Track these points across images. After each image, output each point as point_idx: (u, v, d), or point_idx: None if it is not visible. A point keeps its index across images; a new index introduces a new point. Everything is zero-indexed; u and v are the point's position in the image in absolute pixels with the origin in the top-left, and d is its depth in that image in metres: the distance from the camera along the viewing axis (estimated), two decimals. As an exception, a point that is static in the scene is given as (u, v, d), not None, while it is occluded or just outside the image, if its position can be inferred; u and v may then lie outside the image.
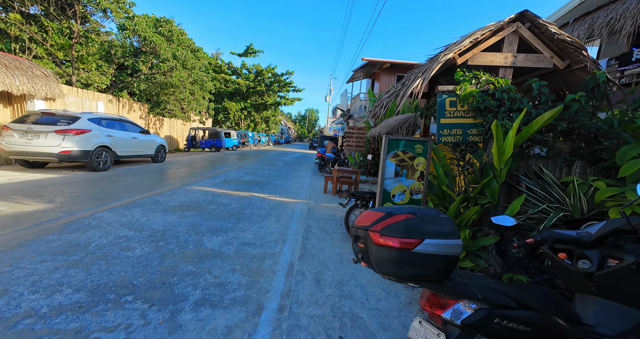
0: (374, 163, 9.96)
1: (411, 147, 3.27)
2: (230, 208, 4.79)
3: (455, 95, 3.08)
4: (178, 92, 13.52)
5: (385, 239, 1.07)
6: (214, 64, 25.44)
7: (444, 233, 1.08)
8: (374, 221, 1.14)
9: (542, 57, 2.97)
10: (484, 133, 3.03)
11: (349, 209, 3.89)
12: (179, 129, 17.91)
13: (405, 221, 1.09)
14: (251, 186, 6.86)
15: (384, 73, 11.88)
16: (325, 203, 5.83)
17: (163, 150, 9.75)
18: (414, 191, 3.30)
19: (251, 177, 8.32)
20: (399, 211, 1.14)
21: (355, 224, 1.25)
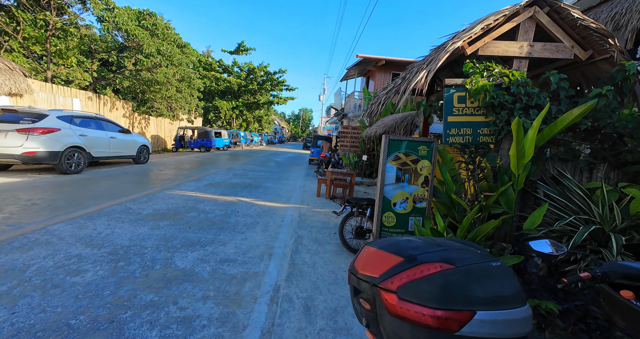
0: (369, 164, 9.60)
1: (414, 148, 2.88)
2: (213, 216, 4.31)
3: (465, 89, 2.70)
4: (164, 90, 12.88)
5: (407, 306, 0.66)
6: (204, 62, 24.70)
7: (505, 298, 0.67)
8: (387, 271, 0.73)
9: (561, 46, 2.62)
10: (497, 133, 2.66)
11: (344, 218, 3.48)
12: (166, 128, 17.20)
13: (441, 276, 0.68)
14: (239, 190, 6.38)
15: (379, 71, 11.53)
16: (318, 208, 5.41)
17: (146, 150, 9.15)
18: (418, 199, 2.92)
19: (240, 179, 7.83)
20: (427, 256, 0.72)
21: (356, 269, 0.84)
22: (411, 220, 2.92)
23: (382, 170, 2.85)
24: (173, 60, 11.37)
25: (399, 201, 2.90)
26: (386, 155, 2.84)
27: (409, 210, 2.92)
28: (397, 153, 2.87)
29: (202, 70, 24.40)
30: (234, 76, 26.71)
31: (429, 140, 2.88)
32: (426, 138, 2.86)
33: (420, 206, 2.92)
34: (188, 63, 13.01)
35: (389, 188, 2.89)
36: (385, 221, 2.91)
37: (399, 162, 2.89)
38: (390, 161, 2.88)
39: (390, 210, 2.90)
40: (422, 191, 2.91)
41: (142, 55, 10.60)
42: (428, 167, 2.89)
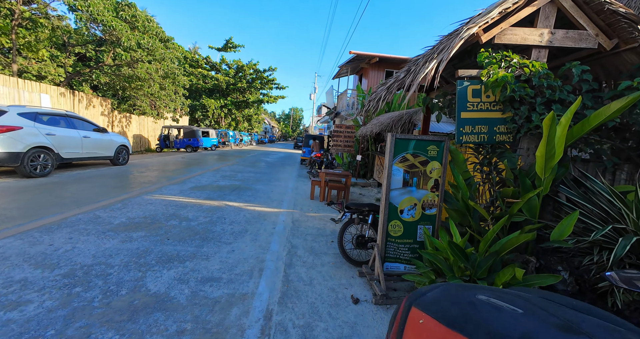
0: (364, 165, 9.31)
1: (423, 148, 2.56)
2: (196, 223, 3.87)
3: (480, 81, 2.41)
4: (146, 87, 12.14)
5: None
6: (190, 58, 23.79)
7: None
8: None
9: (585, 34, 2.37)
10: (515, 131, 2.38)
11: (344, 225, 3.13)
12: (150, 128, 16.35)
13: None
14: (226, 193, 5.92)
15: (372, 69, 11.26)
16: (312, 213, 5.04)
17: (125, 150, 8.50)
18: (427, 205, 2.60)
19: (228, 182, 7.35)
20: None
21: None
22: (420, 228, 2.61)
23: (387, 173, 2.51)
24: (155, 54, 10.69)
25: (407, 207, 2.58)
26: (392, 156, 2.51)
27: (417, 217, 2.60)
28: (404, 154, 2.55)
29: (189, 68, 23.51)
30: (222, 74, 25.90)
31: (440, 139, 2.57)
32: (436, 137, 2.55)
33: (430, 213, 2.61)
34: (172, 58, 12.32)
35: (396, 194, 2.56)
36: (392, 231, 2.58)
37: (406, 164, 2.56)
38: (397, 163, 2.55)
39: (396, 218, 2.58)
40: (432, 196, 2.59)
41: (121, 49, 9.88)
42: (438, 169, 2.58)
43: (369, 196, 7.03)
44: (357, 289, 2.53)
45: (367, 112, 4.66)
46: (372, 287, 2.49)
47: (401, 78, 3.21)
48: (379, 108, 3.55)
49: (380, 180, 7.81)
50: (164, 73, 12.28)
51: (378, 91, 4.37)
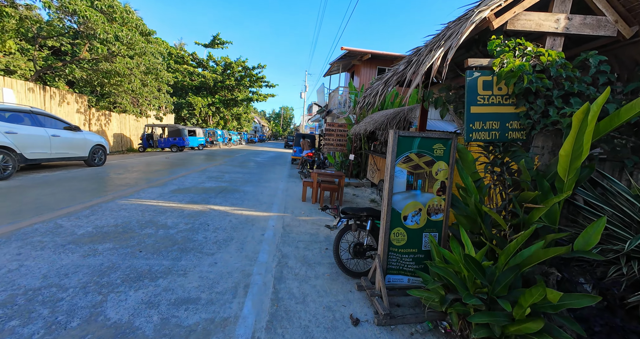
0: (356, 164, 9.06)
1: (428, 147, 2.29)
2: (175, 231, 3.47)
3: (491, 72, 2.15)
4: (127, 82, 11.43)
5: None
6: (175, 54, 22.87)
7: None
8: None
9: (603, 21, 2.16)
10: (529, 128, 2.15)
11: (340, 232, 2.83)
12: (132, 126, 15.55)
13: None
14: (211, 196, 5.51)
15: (364, 66, 11.01)
16: (304, 216, 4.73)
17: (102, 151, 7.89)
18: (433, 210, 2.34)
19: (214, 183, 6.92)
20: None
21: None
22: (425, 236, 2.34)
23: (389, 175, 2.23)
24: (135, 48, 10.03)
25: (411, 213, 2.31)
26: (395, 156, 2.23)
27: (422, 224, 2.33)
28: (408, 154, 2.27)
29: (174, 64, 22.60)
30: (209, 71, 25.09)
31: (447, 137, 2.30)
32: (443, 134, 2.29)
33: (436, 219, 2.34)
34: (154, 53, 11.65)
35: (399, 198, 2.28)
36: (394, 240, 2.30)
37: (410, 165, 2.29)
38: (400, 163, 2.27)
39: (400, 225, 2.30)
40: (439, 200, 2.33)
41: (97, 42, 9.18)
42: (445, 171, 2.32)
43: (363, 197, 6.78)
44: (357, 307, 2.23)
45: (362, 108, 4.39)
46: (374, 304, 2.20)
47: (401, 70, 2.94)
48: (375, 104, 3.27)
49: (374, 180, 7.58)
50: (145, 68, 11.60)
51: (374, 86, 4.10)
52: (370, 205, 5.97)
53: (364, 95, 4.47)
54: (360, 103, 4.45)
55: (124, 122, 14.96)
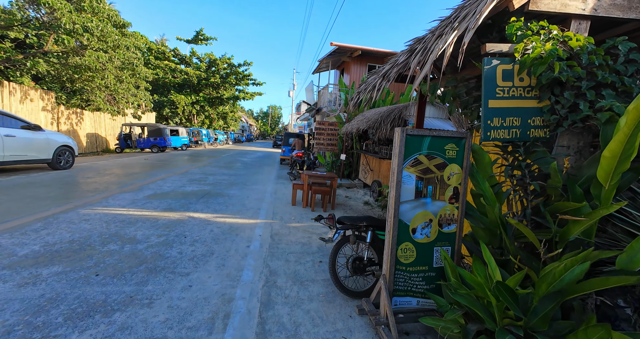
0: (348, 164, 8.75)
1: (439, 148, 1.96)
2: (145, 246, 3.00)
3: (512, 60, 1.85)
4: (99, 78, 10.57)
5: None
6: (155, 50, 21.74)
7: None
8: None
9: (635, 2, 1.90)
10: (555, 124, 1.86)
11: (337, 246, 2.47)
12: (108, 126, 14.56)
13: None
14: (192, 202, 5.01)
15: (354, 63, 10.69)
16: (295, 223, 4.34)
17: (69, 152, 7.15)
18: (445, 221, 2.02)
19: (196, 186, 6.39)
20: None
21: None
22: (436, 251, 2.02)
23: (396, 181, 1.88)
24: (107, 41, 9.23)
25: (420, 225, 1.97)
26: (402, 158, 1.88)
27: (433, 237, 2.00)
28: (417, 156, 1.93)
29: (154, 60, 21.48)
30: (193, 68, 24.08)
31: (460, 135, 1.99)
32: (456, 133, 1.97)
33: (448, 230, 2.03)
34: (130, 47, 10.82)
35: (407, 208, 1.94)
36: (402, 256, 1.96)
37: (419, 169, 1.95)
38: (408, 167, 1.93)
39: (408, 240, 1.96)
40: (451, 209, 2.01)
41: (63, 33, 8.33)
42: (458, 175, 2.00)
43: (356, 199, 6.46)
44: (359, 337, 1.88)
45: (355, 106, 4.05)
46: (379, 334, 1.86)
47: (402, 61, 2.60)
48: (373, 99, 2.93)
49: (366, 181, 7.28)
50: (120, 63, 10.77)
51: (369, 80, 3.76)
52: (364, 208, 5.66)
53: (357, 91, 4.13)
54: (354, 100, 4.11)
55: (99, 121, 13.96)
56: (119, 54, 10.12)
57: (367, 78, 3.97)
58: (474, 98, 2.19)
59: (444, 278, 1.99)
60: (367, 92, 3.44)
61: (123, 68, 11.06)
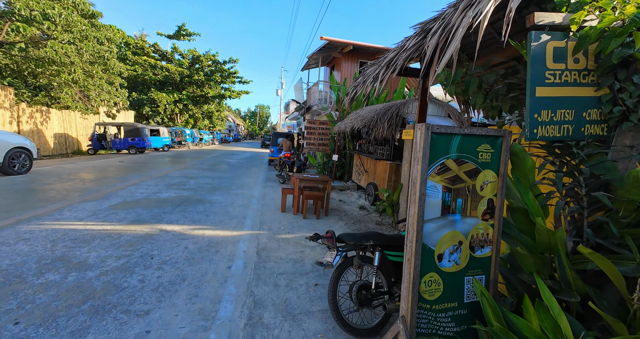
0: (340, 165, 8.30)
1: (471, 149, 1.52)
2: (96, 274, 2.40)
3: (565, 35, 1.43)
4: (66, 73, 9.58)
5: None
6: (133, 44, 20.48)
7: None
8: None
9: None
10: (618, 118, 1.46)
11: (338, 271, 1.99)
12: (79, 125, 13.43)
13: None
14: (167, 211, 4.39)
15: (345, 59, 10.25)
16: (285, 233, 3.83)
17: (25, 155, 6.29)
18: (477, 242, 1.58)
19: (174, 192, 5.74)
20: None
21: None
22: (468, 282, 1.58)
23: (418, 193, 1.42)
24: (73, 31, 8.32)
25: (448, 249, 1.53)
26: (426, 163, 1.42)
27: (463, 264, 1.56)
28: (444, 160, 1.48)
29: (132, 55, 20.24)
30: (175, 64, 22.93)
31: (496, 134, 1.55)
32: (493, 130, 1.53)
33: (482, 254, 1.59)
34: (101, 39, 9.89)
35: (432, 228, 1.49)
36: (425, 292, 1.50)
37: (446, 177, 1.50)
38: (433, 175, 1.47)
39: (433, 269, 1.51)
40: (485, 227, 1.58)
41: (18, 19, 7.39)
42: (494, 183, 1.57)
43: (350, 203, 6.02)
44: None
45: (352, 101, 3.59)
46: (400, 398, 1.39)
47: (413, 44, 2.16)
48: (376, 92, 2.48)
49: (360, 183, 6.86)
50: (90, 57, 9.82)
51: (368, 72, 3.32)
52: (359, 213, 5.22)
53: (354, 85, 3.67)
54: (350, 95, 3.65)
55: (69, 121, 12.83)
56: (87, 46, 9.18)
57: (366, 70, 3.52)
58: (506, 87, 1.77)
59: (478, 317, 1.56)
60: (367, 85, 2.99)
61: (93, 62, 10.10)
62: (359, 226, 4.44)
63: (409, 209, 1.48)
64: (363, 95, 3.26)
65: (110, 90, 11.44)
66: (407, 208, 1.50)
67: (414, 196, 1.44)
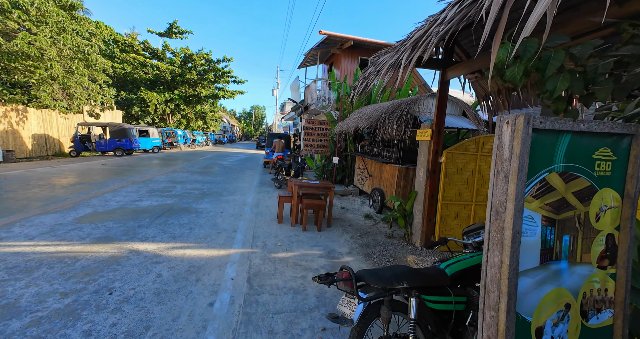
0: (341, 168, 7.72)
1: (584, 156, 0.94)
2: (21, 325, 1.76)
3: None
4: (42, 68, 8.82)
5: None
6: (122, 42, 19.65)
7: None
8: None
9: None
10: None
11: (361, 327, 1.40)
12: (61, 125, 12.62)
13: None
14: (142, 225, 3.75)
15: (345, 56, 9.68)
16: (282, 252, 3.22)
17: (-13, 158, 5.55)
18: (593, 304, 0.99)
19: (156, 200, 5.08)
20: None
21: None
22: (576, 365, 0.99)
23: (509, 231, 0.84)
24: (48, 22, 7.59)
25: (550, 319, 0.95)
26: (524, 180, 0.84)
27: (571, 337, 0.98)
28: (545, 174, 0.90)
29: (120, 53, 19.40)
30: (166, 63, 22.13)
31: (623, 132, 0.98)
32: (613, 125, 0.97)
33: (598, 324, 1.01)
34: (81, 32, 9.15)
35: (526, 286, 0.91)
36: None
37: (548, 202, 0.92)
38: (529, 199, 0.89)
39: (528, 351, 0.92)
40: (603, 279, 1.01)
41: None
42: (616, 210, 1.00)
43: (354, 211, 5.44)
44: None
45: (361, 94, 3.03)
46: None
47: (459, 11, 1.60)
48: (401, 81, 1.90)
49: (363, 188, 6.29)
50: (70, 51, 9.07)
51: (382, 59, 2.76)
52: (365, 223, 4.64)
53: (363, 76, 3.10)
54: (359, 88, 3.08)
55: (50, 120, 12.01)
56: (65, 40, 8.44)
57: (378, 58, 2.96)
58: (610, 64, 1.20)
59: None
60: (382, 75, 2.42)
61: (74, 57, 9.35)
62: (367, 239, 3.86)
63: (489, 257, 0.90)
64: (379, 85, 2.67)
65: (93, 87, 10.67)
66: (486, 253, 0.91)
67: (499, 235, 0.86)
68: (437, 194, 3.57)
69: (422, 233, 3.62)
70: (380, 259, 3.23)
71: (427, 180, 3.58)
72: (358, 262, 3.14)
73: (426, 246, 3.61)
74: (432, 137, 3.49)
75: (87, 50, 9.12)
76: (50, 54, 8.25)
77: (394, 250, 3.54)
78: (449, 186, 3.52)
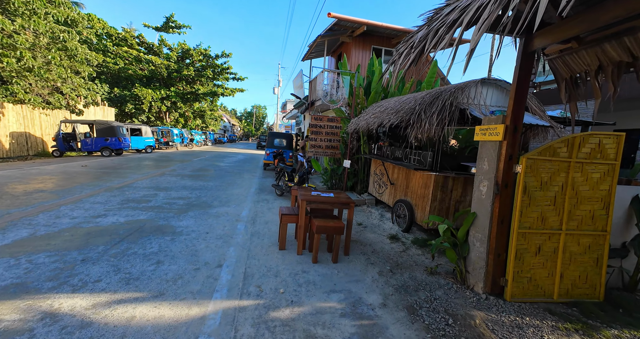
0: (353, 172, 6.61)
1: None
2: None
3: None
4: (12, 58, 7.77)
5: None
6: (115, 36, 18.63)
7: None
8: None
9: None
10: None
11: None
12: (44, 123, 11.61)
13: None
14: (89, 258, 2.66)
15: (356, 46, 8.53)
16: (285, 306, 2.12)
17: None
18: None
19: (125, 215, 3.99)
20: None
21: None
22: None
23: None
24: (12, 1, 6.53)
25: None
26: None
27: None
28: None
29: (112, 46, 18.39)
30: (162, 58, 21.11)
31: None
32: None
33: None
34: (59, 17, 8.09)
35: None
36: None
37: None
38: None
39: None
40: None
41: None
42: None
43: (374, 229, 4.33)
44: None
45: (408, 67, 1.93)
46: None
47: None
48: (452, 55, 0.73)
49: (382, 198, 5.19)
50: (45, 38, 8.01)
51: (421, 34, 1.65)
52: (392, 248, 3.53)
53: (408, 45, 2.00)
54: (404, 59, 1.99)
55: (31, 117, 11.00)
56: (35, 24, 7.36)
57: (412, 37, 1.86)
58: None
59: None
60: (440, 35, 1.31)
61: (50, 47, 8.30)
62: (403, 278, 2.76)
63: None
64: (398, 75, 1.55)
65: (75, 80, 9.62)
66: None
67: None
68: (509, 218, 2.47)
69: (487, 274, 2.52)
70: (431, 319, 2.13)
71: (494, 198, 2.47)
72: (401, 325, 2.04)
73: (492, 293, 2.51)
74: (506, 137, 2.39)
75: (64, 36, 8.05)
76: (19, 41, 7.18)
77: (447, 299, 2.44)
78: (528, 207, 2.42)
